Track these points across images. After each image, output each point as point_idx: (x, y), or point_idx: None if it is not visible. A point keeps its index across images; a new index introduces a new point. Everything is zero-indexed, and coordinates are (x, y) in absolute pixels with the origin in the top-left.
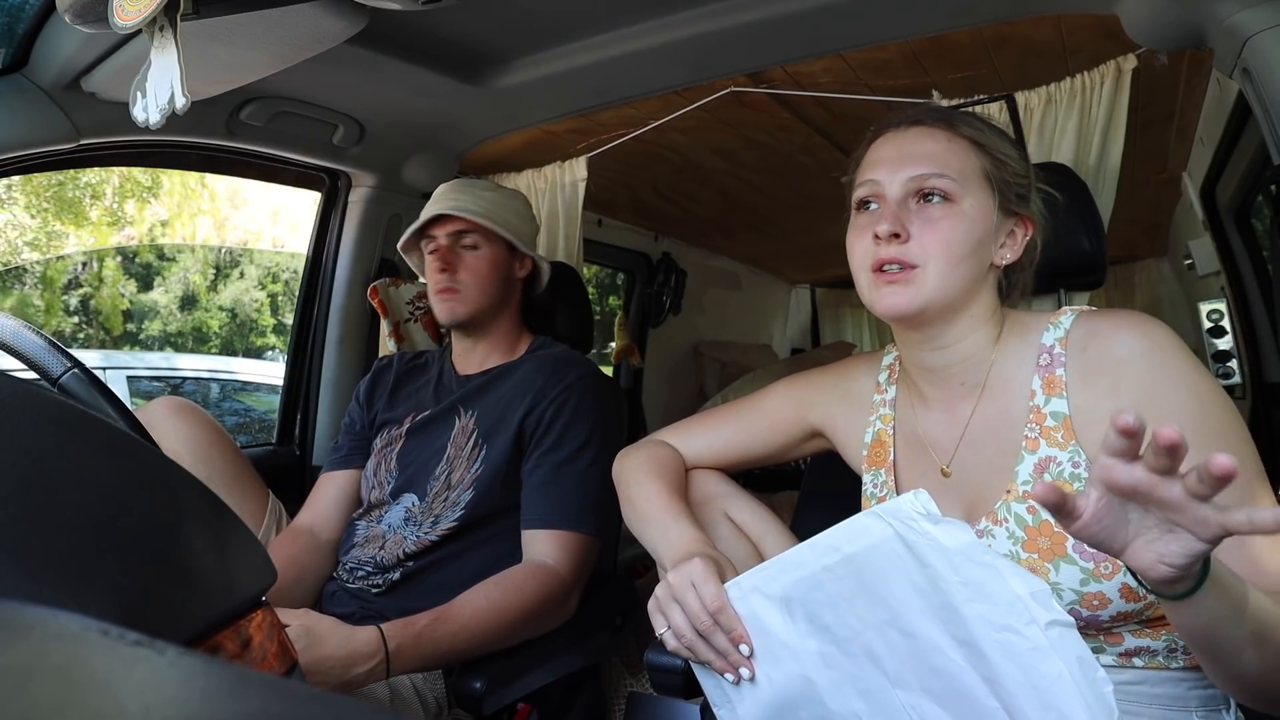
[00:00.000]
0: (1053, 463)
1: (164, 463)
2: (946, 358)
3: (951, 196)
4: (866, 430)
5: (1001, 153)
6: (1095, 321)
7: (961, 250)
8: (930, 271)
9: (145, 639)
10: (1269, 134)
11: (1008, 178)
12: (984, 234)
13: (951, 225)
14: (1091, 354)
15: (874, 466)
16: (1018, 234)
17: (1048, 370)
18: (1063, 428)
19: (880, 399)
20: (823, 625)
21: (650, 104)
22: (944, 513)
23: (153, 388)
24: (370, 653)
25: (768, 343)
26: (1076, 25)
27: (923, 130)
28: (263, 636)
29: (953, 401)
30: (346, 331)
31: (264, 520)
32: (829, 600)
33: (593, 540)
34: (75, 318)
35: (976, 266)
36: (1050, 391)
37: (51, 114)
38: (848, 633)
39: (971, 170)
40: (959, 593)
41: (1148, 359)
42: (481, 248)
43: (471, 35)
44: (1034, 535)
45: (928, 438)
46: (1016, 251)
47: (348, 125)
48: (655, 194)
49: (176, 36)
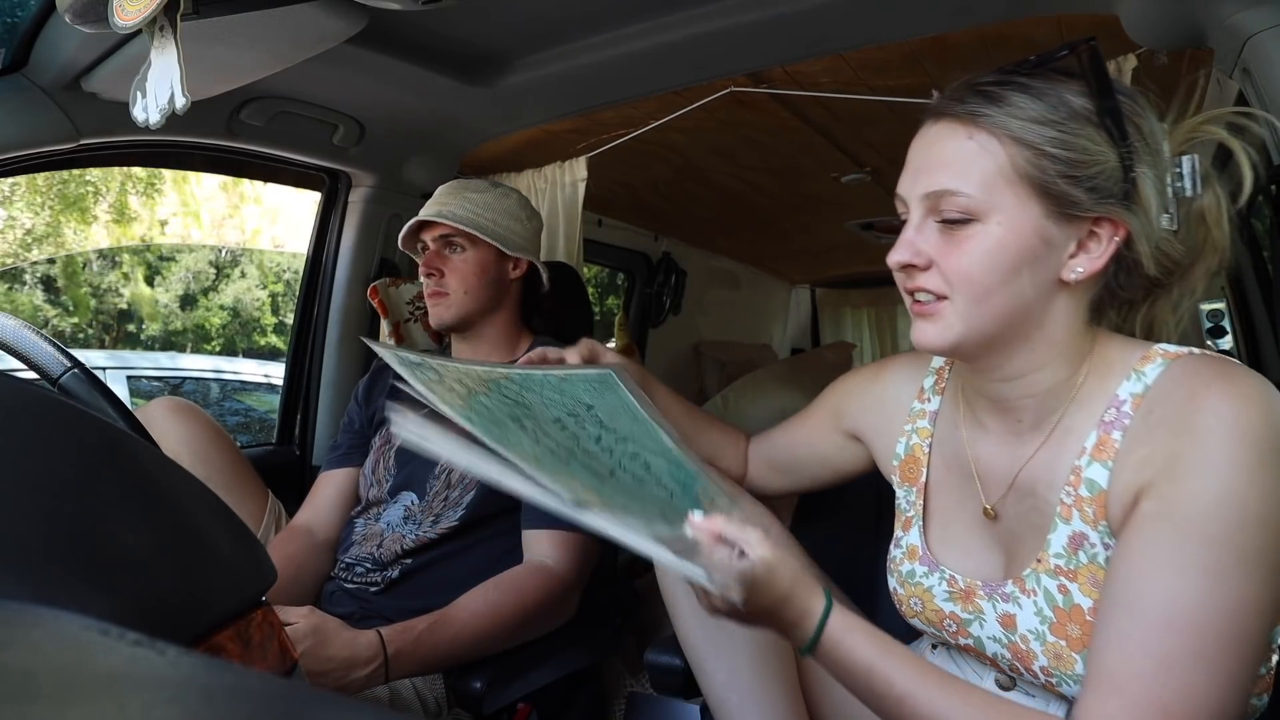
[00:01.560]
0: (1085, 541)
1: (164, 463)
2: (1012, 390)
3: (975, 215)
4: (899, 441)
5: (1059, 143)
6: (1183, 377)
7: (991, 279)
8: (959, 305)
9: (145, 639)
10: (1269, 134)
11: (1069, 172)
12: (1025, 254)
13: (975, 250)
14: (1155, 419)
15: (906, 483)
16: (1102, 239)
17: (1107, 429)
18: (1095, 502)
19: (921, 408)
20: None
21: (650, 104)
22: (980, 561)
23: (153, 388)
24: (370, 657)
25: (768, 343)
26: (1076, 25)
27: (943, 127)
28: (263, 636)
29: (1008, 438)
30: (346, 331)
31: (263, 520)
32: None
33: (592, 540)
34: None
35: (1023, 292)
36: (1098, 455)
37: (51, 114)
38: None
39: (1000, 173)
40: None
41: (1206, 435)
42: (467, 250)
43: (472, 35)
44: (1064, 619)
45: (978, 466)
46: (1099, 261)
47: (348, 125)
48: (655, 194)
49: (176, 36)
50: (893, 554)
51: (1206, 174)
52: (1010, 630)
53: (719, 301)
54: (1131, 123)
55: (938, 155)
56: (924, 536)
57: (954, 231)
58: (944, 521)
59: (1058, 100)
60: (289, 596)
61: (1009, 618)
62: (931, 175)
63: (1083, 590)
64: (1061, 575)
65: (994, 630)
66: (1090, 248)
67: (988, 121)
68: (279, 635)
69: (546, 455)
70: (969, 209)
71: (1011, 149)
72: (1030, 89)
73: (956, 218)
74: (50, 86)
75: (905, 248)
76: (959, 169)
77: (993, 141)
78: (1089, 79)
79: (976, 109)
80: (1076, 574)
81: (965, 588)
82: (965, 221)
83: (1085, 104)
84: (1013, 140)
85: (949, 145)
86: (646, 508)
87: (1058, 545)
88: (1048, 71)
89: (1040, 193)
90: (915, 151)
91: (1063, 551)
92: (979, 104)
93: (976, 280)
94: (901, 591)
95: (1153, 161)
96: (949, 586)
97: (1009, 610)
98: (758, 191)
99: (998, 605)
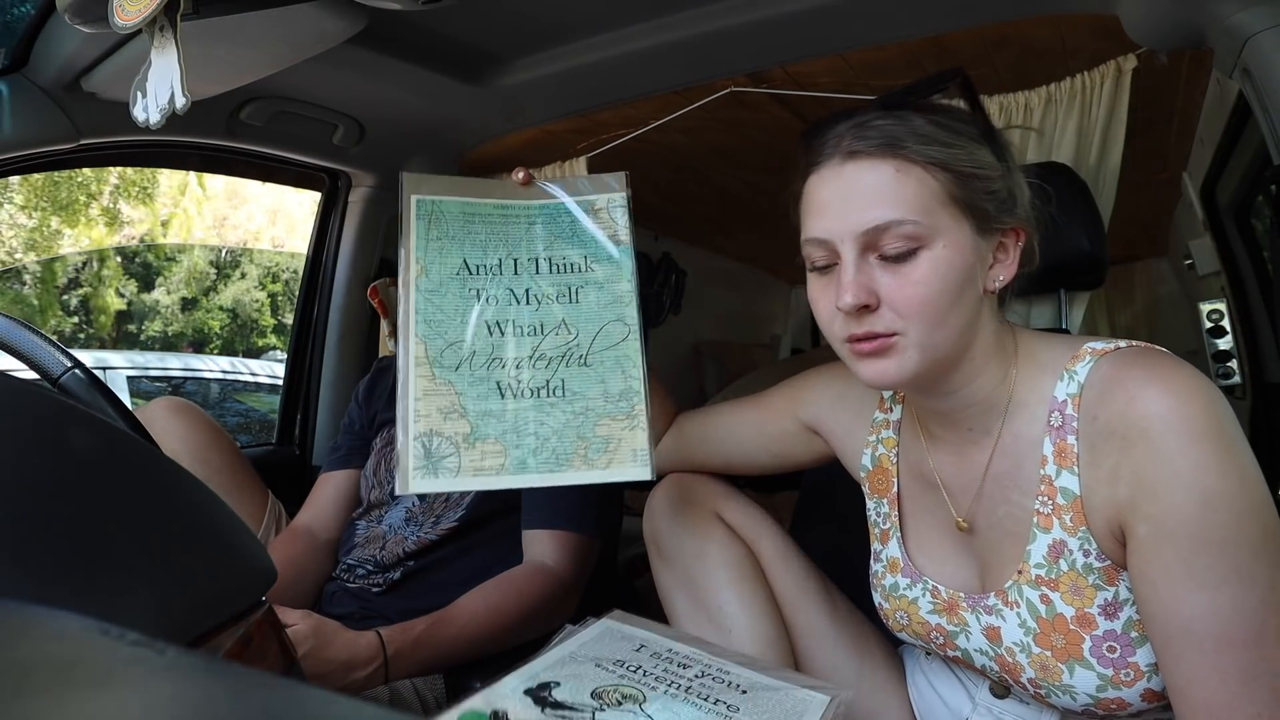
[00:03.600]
0: (1065, 550)
1: (164, 463)
2: (953, 403)
3: (922, 241)
4: (865, 451)
5: (968, 162)
6: (1112, 377)
7: (945, 302)
8: (913, 338)
9: (145, 639)
10: (1269, 134)
11: (981, 189)
12: (967, 270)
13: (927, 278)
14: (1101, 424)
15: (876, 494)
16: (1009, 247)
17: (1059, 435)
18: (1072, 509)
19: (883, 417)
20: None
21: (650, 104)
22: (957, 570)
23: (153, 388)
24: (369, 657)
25: (767, 343)
26: (1076, 25)
27: (863, 164)
28: (263, 636)
29: (963, 446)
30: (346, 331)
31: (263, 520)
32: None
33: (592, 540)
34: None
35: (968, 309)
36: (1062, 463)
37: (51, 114)
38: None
39: (934, 197)
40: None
41: (1159, 443)
42: None
43: (472, 35)
44: (1048, 630)
45: (941, 476)
46: (1012, 267)
47: (348, 125)
48: (655, 194)
49: (176, 36)
50: (874, 569)
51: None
52: (995, 643)
53: (719, 301)
54: (1000, 138)
55: (865, 191)
56: (903, 548)
57: (901, 263)
58: (919, 531)
59: (953, 123)
60: (290, 597)
61: (993, 630)
62: (865, 212)
63: (1065, 599)
64: (1043, 585)
65: (980, 643)
66: (1000, 257)
67: (907, 152)
68: (279, 635)
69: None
70: (916, 235)
71: (938, 174)
72: (926, 116)
73: (900, 249)
74: (50, 86)
75: (854, 289)
76: (896, 200)
77: (918, 170)
78: (969, 103)
79: (892, 141)
80: (1058, 583)
81: (948, 599)
82: (911, 252)
83: (969, 127)
84: (936, 166)
85: (873, 180)
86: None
87: (1038, 555)
88: (928, 100)
89: (967, 210)
90: (833, 192)
91: (1043, 561)
92: (888, 139)
93: (933, 305)
94: (887, 606)
95: (1017, 169)
96: (933, 598)
97: (993, 623)
98: (758, 191)
99: (981, 618)
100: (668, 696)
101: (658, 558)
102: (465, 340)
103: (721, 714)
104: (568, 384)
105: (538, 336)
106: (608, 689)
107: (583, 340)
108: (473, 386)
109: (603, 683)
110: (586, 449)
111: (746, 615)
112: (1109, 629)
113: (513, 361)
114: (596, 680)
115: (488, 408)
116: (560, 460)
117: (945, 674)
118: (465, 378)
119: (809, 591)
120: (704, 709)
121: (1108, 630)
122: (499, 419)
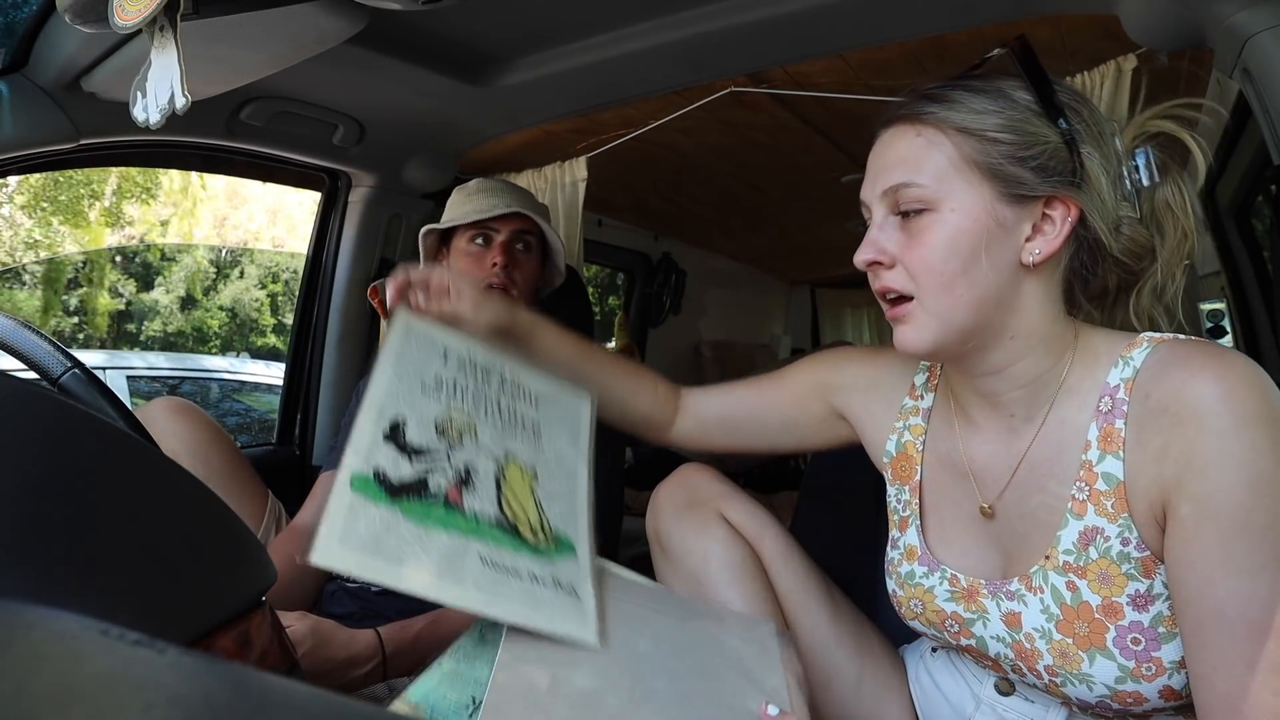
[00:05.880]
0: (1099, 535)
1: (164, 463)
2: (999, 383)
3: (929, 204)
4: (891, 437)
5: (999, 127)
6: (1170, 360)
7: (951, 265)
8: (924, 302)
9: (145, 639)
10: (1269, 134)
11: (1012, 155)
12: (980, 237)
13: (933, 240)
14: (1153, 404)
15: (898, 481)
16: (1056, 220)
17: (1107, 419)
18: (1114, 495)
19: (913, 404)
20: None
21: (650, 104)
22: (978, 560)
23: (153, 388)
24: (368, 655)
25: (768, 343)
26: (1076, 25)
27: (894, 131)
28: (263, 636)
29: (1002, 432)
30: (346, 331)
31: (263, 520)
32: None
33: None
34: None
35: (985, 277)
36: (1106, 447)
37: (51, 114)
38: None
39: (949, 163)
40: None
41: (1212, 422)
42: (533, 251)
43: (471, 35)
44: (1071, 617)
45: (972, 465)
46: (1054, 242)
47: (348, 125)
48: (655, 194)
49: (176, 36)
50: (890, 556)
51: (1164, 164)
52: (1015, 629)
53: (719, 301)
54: (1070, 108)
55: (891, 155)
56: (922, 536)
57: (912, 224)
58: (940, 521)
59: (998, 93)
60: (291, 597)
61: (1014, 616)
62: (888, 174)
63: (1091, 587)
64: (1070, 572)
65: (998, 629)
66: (1045, 229)
67: (932, 118)
68: (279, 635)
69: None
70: (923, 199)
71: (957, 139)
72: (971, 87)
73: (913, 208)
74: (50, 86)
75: (869, 246)
76: (911, 163)
77: (939, 135)
78: (1024, 72)
79: (922, 109)
80: (1086, 570)
81: (968, 587)
82: (921, 211)
83: (1025, 95)
84: (957, 131)
85: (900, 144)
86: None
87: (1068, 541)
88: (985, 73)
89: (989, 175)
90: (872, 159)
91: (1073, 548)
92: (924, 105)
93: (937, 269)
94: (901, 594)
95: (1097, 145)
96: (950, 586)
97: (1014, 608)
98: (758, 191)
99: (1002, 604)
100: (489, 422)
101: (661, 556)
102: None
103: (530, 430)
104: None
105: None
106: (446, 422)
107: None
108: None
109: (438, 413)
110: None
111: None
112: (1135, 620)
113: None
114: (432, 409)
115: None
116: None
117: (949, 672)
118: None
119: (810, 591)
120: (516, 427)
121: (1134, 621)
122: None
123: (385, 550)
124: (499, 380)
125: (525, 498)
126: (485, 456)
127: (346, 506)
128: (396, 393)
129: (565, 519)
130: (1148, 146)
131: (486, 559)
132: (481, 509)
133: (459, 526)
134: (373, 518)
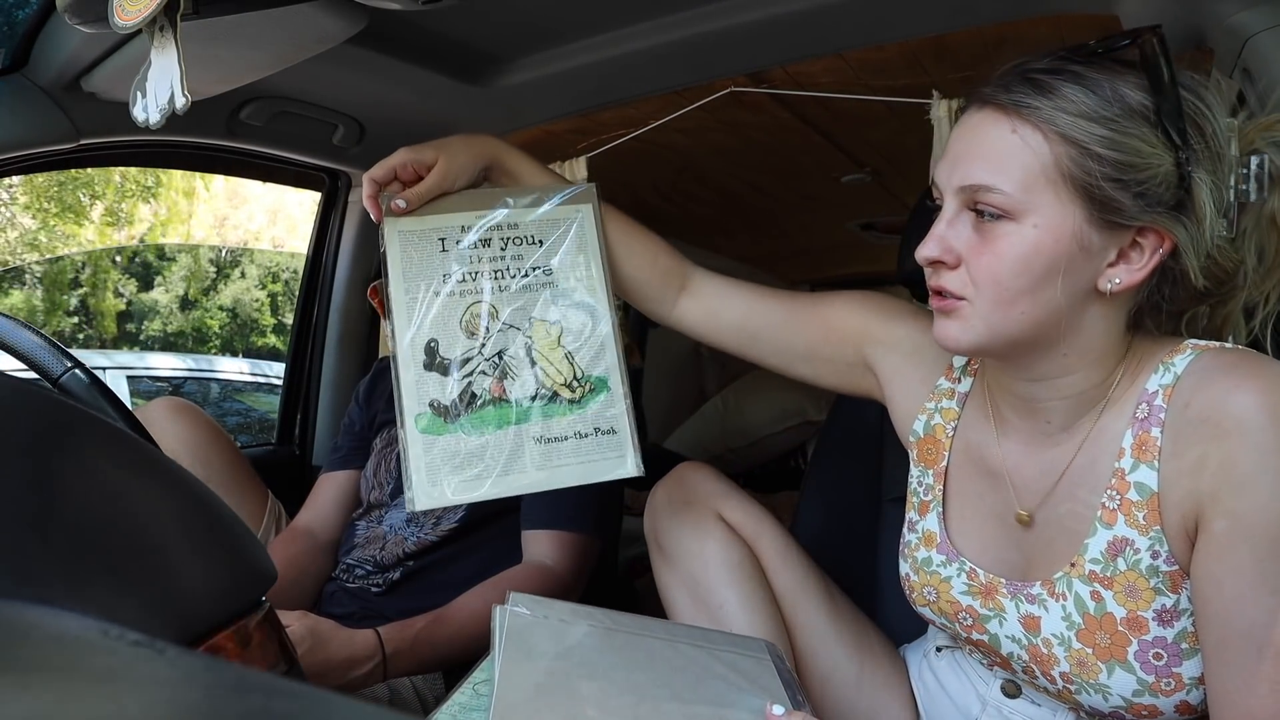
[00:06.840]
0: (1129, 547)
1: (164, 463)
2: (1042, 391)
3: (1011, 214)
4: (920, 416)
5: (1104, 142)
6: (1214, 368)
7: (1019, 283)
8: (979, 308)
9: (145, 639)
10: None
11: (1112, 175)
12: (1060, 260)
13: (1006, 251)
14: (1193, 413)
15: (922, 463)
16: (1145, 250)
17: (1143, 426)
18: (1147, 506)
19: (948, 386)
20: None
21: (650, 104)
22: (996, 558)
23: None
24: (367, 655)
25: None
26: (1076, 25)
27: (987, 115)
28: (263, 636)
29: (1036, 438)
30: (346, 331)
31: (263, 520)
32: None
33: (592, 540)
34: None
35: (1053, 300)
36: (1140, 456)
37: (51, 114)
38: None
39: (1041, 171)
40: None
41: (1255, 436)
42: None
43: (471, 35)
44: (1094, 627)
45: (1006, 468)
46: (1138, 274)
47: (348, 125)
48: (655, 194)
49: (176, 36)
50: (907, 538)
51: (1277, 175)
52: (1033, 633)
53: None
54: (1194, 123)
55: (978, 146)
56: (943, 524)
57: (988, 227)
58: (962, 512)
59: (1112, 94)
60: (290, 597)
61: (1032, 619)
62: (969, 167)
63: (1117, 599)
64: (1096, 581)
65: (1014, 630)
66: (1131, 258)
67: (1034, 115)
68: (279, 635)
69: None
70: (1005, 207)
71: (1057, 146)
72: (1084, 79)
73: (994, 213)
74: (50, 86)
75: (935, 243)
76: (998, 163)
77: (1036, 136)
78: (1149, 73)
79: (1023, 99)
80: (1113, 581)
81: (986, 583)
82: (999, 218)
83: (1143, 100)
84: (1059, 136)
85: (990, 136)
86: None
87: (1095, 550)
88: (1106, 61)
89: (1083, 195)
90: (956, 138)
91: (1100, 557)
92: (1026, 94)
93: (1003, 284)
94: (915, 579)
95: (1213, 166)
96: (969, 580)
97: (1033, 612)
98: (758, 191)
99: (1021, 605)
100: (504, 296)
101: (659, 556)
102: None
103: (542, 275)
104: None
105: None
106: (469, 319)
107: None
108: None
109: (459, 314)
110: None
111: (747, 614)
112: (1159, 635)
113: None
114: (453, 314)
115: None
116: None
117: (954, 672)
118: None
119: (809, 590)
120: (530, 286)
121: (1158, 637)
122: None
123: (465, 471)
124: (499, 239)
125: (557, 357)
126: (513, 334)
127: (421, 448)
128: (416, 317)
129: (594, 358)
130: (1266, 153)
131: (539, 438)
132: (523, 393)
133: (510, 420)
134: (443, 448)
